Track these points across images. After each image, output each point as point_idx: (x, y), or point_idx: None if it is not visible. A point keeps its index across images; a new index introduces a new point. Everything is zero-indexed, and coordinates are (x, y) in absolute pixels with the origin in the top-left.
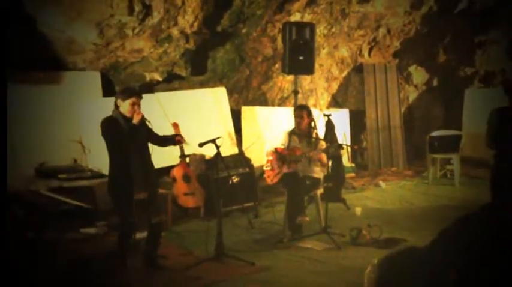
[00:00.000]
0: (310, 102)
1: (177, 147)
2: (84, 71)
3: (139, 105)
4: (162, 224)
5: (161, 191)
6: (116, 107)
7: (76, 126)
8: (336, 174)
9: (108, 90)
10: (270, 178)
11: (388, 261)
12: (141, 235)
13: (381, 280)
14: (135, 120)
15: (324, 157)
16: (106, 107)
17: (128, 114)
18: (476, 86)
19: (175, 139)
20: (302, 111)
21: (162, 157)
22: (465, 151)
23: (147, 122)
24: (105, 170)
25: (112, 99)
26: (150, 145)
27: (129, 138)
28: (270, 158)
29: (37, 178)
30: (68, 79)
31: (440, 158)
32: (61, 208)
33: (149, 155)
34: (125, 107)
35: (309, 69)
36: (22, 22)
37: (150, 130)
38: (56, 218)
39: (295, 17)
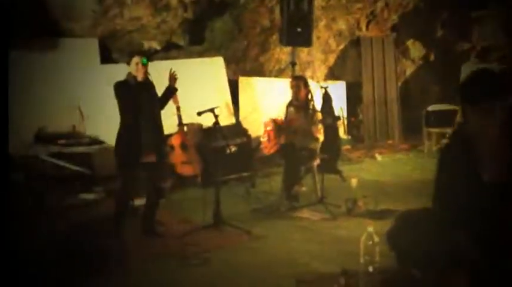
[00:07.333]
0: (308, 74)
1: (175, 116)
2: (82, 38)
3: (142, 65)
4: (164, 190)
5: None
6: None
7: (74, 93)
8: (333, 146)
9: (105, 57)
10: (267, 149)
11: (405, 215)
12: (139, 201)
13: (394, 230)
14: (139, 77)
15: (317, 129)
16: (103, 74)
17: (135, 74)
18: (472, 61)
19: (170, 88)
20: (299, 82)
21: None
22: None
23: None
24: (103, 137)
25: (110, 66)
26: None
27: (136, 96)
28: (268, 128)
29: (36, 144)
30: (66, 46)
31: (436, 132)
32: (60, 173)
33: (159, 118)
34: (132, 68)
35: (306, 42)
36: None
37: (157, 95)
38: (55, 183)
39: None
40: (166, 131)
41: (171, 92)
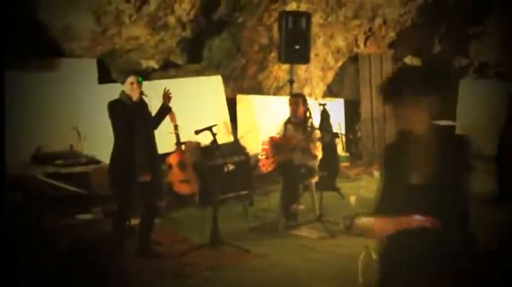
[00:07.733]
0: (306, 92)
1: (173, 135)
2: (80, 58)
3: (138, 85)
4: (159, 209)
5: None
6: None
7: (72, 113)
8: (331, 163)
9: (104, 77)
10: (265, 167)
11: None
12: (136, 221)
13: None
14: (134, 97)
15: (315, 146)
16: (102, 93)
17: (129, 94)
18: (470, 77)
19: (164, 107)
20: (297, 99)
21: (158, 144)
22: None
23: (144, 98)
24: (101, 157)
25: (108, 85)
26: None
27: (131, 116)
28: (266, 147)
29: (33, 164)
30: (64, 66)
31: None
32: (57, 194)
33: (154, 137)
34: (127, 87)
35: (304, 59)
36: (19, 8)
37: (150, 114)
38: (52, 204)
39: (291, 6)
40: (164, 150)
41: (165, 111)
